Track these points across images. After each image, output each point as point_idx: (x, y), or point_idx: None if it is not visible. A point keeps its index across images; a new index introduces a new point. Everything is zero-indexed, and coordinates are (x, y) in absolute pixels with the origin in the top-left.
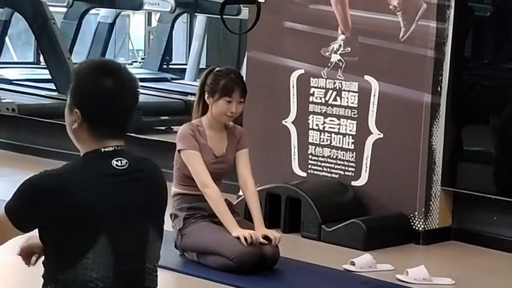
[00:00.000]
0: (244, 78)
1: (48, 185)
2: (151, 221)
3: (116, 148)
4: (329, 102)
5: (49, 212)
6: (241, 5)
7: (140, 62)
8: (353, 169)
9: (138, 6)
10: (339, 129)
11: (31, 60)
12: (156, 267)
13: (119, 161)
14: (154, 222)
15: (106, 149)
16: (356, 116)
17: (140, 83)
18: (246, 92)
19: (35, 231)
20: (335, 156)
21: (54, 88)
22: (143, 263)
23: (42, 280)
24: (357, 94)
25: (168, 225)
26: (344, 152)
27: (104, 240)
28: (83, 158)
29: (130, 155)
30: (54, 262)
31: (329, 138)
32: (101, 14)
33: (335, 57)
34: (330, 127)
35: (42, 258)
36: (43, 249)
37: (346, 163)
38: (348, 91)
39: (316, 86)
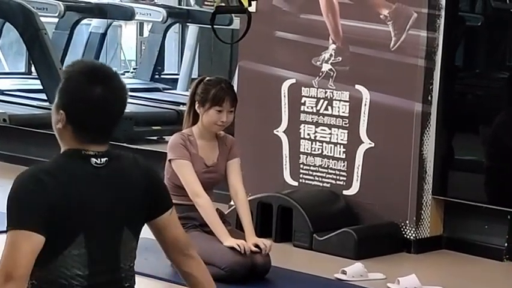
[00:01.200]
0: (236, 88)
1: (30, 184)
2: (126, 220)
3: (96, 153)
4: (320, 111)
5: (41, 203)
6: (232, 15)
7: (132, 72)
8: (344, 178)
9: (130, 17)
10: (330, 138)
11: (23, 70)
12: (132, 266)
13: (99, 159)
14: (129, 222)
15: (87, 152)
16: (347, 125)
17: (132, 93)
18: (236, 101)
19: None
20: (326, 166)
21: (46, 98)
22: (117, 263)
23: None
24: (348, 103)
25: None
26: (335, 161)
27: (81, 239)
28: (62, 156)
29: (110, 154)
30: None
31: (320, 147)
32: (93, 24)
33: (326, 67)
34: (321, 136)
35: None
36: None
37: (337, 172)
38: (339, 100)
39: (308, 95)
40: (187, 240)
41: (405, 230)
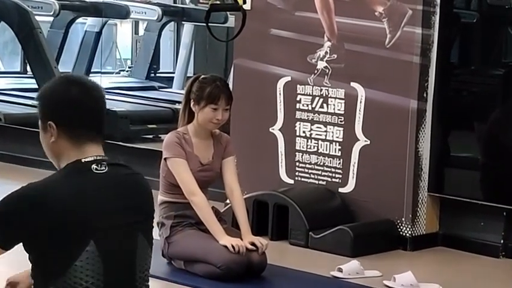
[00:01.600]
0: (231, 86)
1: (32, 197)
2: (140, 227)
3: (96, 158)
4: (316, 109)
5: (35, 223)
6: (228, 13)
7: (127, 71)
8: (340, 176)
9: (125, 15)
10: (326, 136)
11: (18, 69)
12: (147, 276)
13: (99, 165)
14: (143, 229)
15: (86, 159)
16: (343, 122)
17: (128, 92)
18: (231, 99)
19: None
20: (322, 163)
21: None
22: (133, 272)
23: None
24: (343, 101)
25: (155, 233)
26: (331, 159)
27: (92, 248)
28: (64, 169)
29: (110, 162)
30: (43, 272)
31: (316, 145)
32: (88, 23)
33: (321, 64)
34: (317, 134)
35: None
36: (31, 275)
37: (333, 170)
38: (335, 98)
39: (303, 93)
40: None
41: (401, 227)
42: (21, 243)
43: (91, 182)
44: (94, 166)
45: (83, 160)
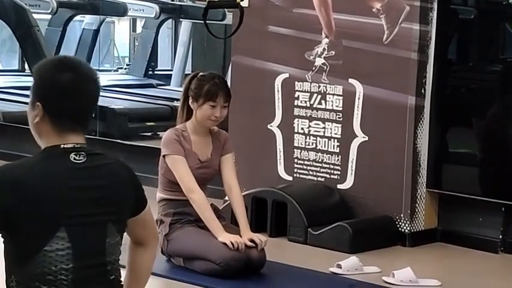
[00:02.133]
0: (229, 83)
1: (8, 177)
2: (109, 216)
3: (75, 145)
4: (314, 105)
5: (8, 203)
6: (226, 10)
7: (125, 69)
8: (339, 172)
9: (122, 13)
10: (324, 132)
11: (16, 67)
12: (118, 260)
13: (78, 155)
14: (113, 219)
15: (66, 146)
16: (341, 119)
17: (126, 89)
18: (230, 97)
19: None
20: (320, 160)
21: None
22: (103, 257)
23: (5, 274)
24: (341, 97)
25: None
26: (329, 156)
27: (62, 234)
28: (42, 152)
29: (89, 151)
30: (14, 255)
31: (314, 141)
32: (86, 21)
33: (319, 61)
34: (315, 131)
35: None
36: (4, 256)
37: (331, 166)
38: (333, 94)
39: (301, 89)
40: (155, 236)
41: (400, 223)
42: None
43: (66, 170)
44: (72, 155)
45: (62, 146)
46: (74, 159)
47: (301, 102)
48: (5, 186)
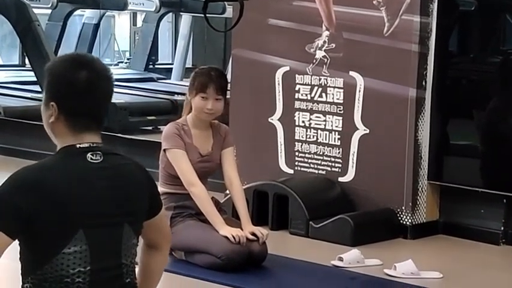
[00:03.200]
0: (230, 76)
1: (29, 180)
2: (126, 218)
3: (91, 145)
4: (315, 98)
5: (30, 206)
6: (226, 4)
7: (126, 63)
8: (340, 165)
9: (123, 7)
10: (325, 125)
11: (16, 62)
12: (133, 263)
13: (94, 155)
14: (130, 220)
15: (82, 145)
16: (342, 112)
17: (126, 84)
18: (223, 90)
19: None
20: (321, 153)
21: (40, 90)
22: (119, 259)
23: (21, 277)
24: (342, 90)
25: None
26: (331, 148)
27: (81, 235)
28: (58, 153)
29: (105, 151)
30: (31, 257)
31: (315, 134)
32: (86, 15)
33: (319, 54)
34: (316, 123)
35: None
36: (20, 259)
37: (332, 159)
38: (334, 87)
39: (302, 82)
40: (168, 239)
41: (402, 215)
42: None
43: (84, 170)
44: (89, 155)
45: (77, 146)
46: (91, 159)
47: (302, 95)
48: (26, 188)
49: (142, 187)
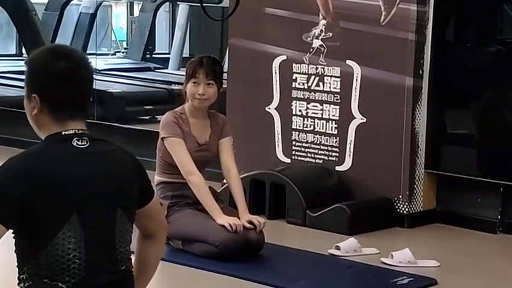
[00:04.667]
0: (227, 66)
1: (18, 168)
2: (119, 202)
3: (76, 131)
4: (312, 87)
5: (22, 194)
6: None
7: (123, 52)
8: (337, 154)
9: None
10: (322, 114)
11: (13, 52)
12: (129, 250)
13: (80, 140)
14: (122, 205)
15: (67, 132)
16: (339, 101)
17: (124, 73)
18: (214, 74)
19: None
20: (318, 142)
21: None
22: (113, 245)
23: (17, 269)
24: (339, 79)
25: None
26: (328, 137)
27: (75, 220)
28: (45, 141)
29: (92, 137)
30: (26, 246)
31: (312, 123)
32: (83, 5)
33: (316, 43)
34: (313, 112)
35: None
36: (14, 250)
37: (330, 148)
38: (331, 76)
39: (299, 71)
40: (164, 228)
41: (399, 204)
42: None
43: (71, 155)
44: (75, 141)
45: (63, 133)
46: (77, 144)
47: (299, 84)
48: (17, 177)
49: (132, 173)
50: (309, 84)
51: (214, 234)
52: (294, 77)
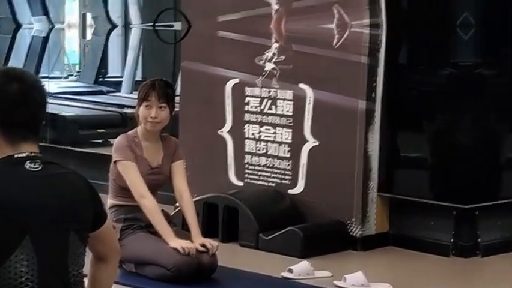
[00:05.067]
0: (179, 89)
1: None
2: (72, 225)
3: (29, 154)
4: (264, 111)
5: None
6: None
7: (75, 76)
8: (290, 177)
9: None
10: (275, 137)
11: None
12: (81, 273)
13: (33, 163)
14: (75, 227)
15: (19, 155)
16: (292, 124)
17: (76, 96)
18: (166, 97)
19: None
20: (271, 165)
21: None
22: (66, 268)
23: None
24: (292, 102)
25: None
26: (280, 161)
27: (27, 243)
28: None
29: (44, 160)
30: None
31: (265, 147)
32: (35, 28)
33: (269, 66)
34: (266, 136)
35: None
36: None
37: (282, 171)
38: (283, 99)
39: (251, 95)
40: (116, 252)
41: (351, 227)
42: None
43: (24, 179)
44: (28, 164)
45: (16, 156)
46: (30, 167)
47: (251, 107)
48: None
49: (85, 196)
50: (262, 108)
51: (167, 257)
52: (246, 100)
